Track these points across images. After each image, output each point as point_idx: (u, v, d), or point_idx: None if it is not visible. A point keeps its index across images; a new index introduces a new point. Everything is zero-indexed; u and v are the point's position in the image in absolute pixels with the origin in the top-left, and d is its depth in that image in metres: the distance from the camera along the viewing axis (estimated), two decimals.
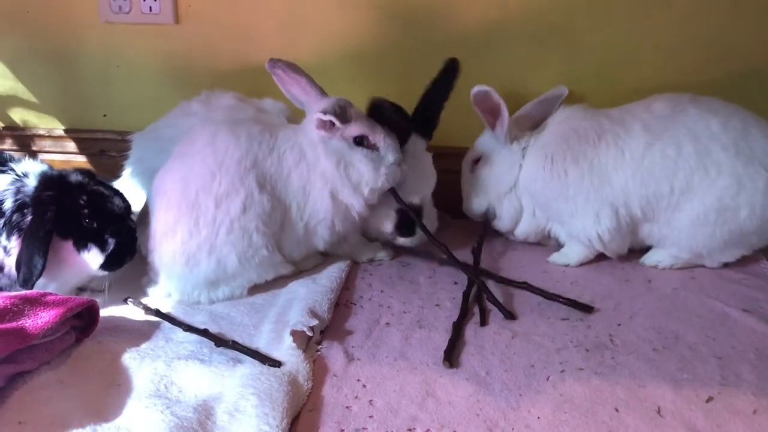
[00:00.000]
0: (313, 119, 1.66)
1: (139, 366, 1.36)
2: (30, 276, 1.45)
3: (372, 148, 1.69)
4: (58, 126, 2.42)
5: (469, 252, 1.84)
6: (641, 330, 1.52)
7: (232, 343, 1.42)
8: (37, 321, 1.31)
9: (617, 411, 1.25)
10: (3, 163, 1.56)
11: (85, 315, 1.43)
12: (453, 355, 1.41)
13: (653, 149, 1.71)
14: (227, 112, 1.88)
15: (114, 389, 1.30)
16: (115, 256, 1.56)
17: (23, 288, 1.46)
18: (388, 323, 1.55)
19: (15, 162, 1.56)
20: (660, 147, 1.70)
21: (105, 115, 2.38)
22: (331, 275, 1.71)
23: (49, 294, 1.41)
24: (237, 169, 1.60)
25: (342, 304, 1.64)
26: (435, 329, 1.51)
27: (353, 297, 1.67)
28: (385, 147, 1.70)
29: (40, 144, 2.42)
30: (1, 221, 1.49)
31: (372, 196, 1.72)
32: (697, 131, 1.70)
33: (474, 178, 1.91)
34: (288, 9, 2.17)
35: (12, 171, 1.53)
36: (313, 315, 1.50)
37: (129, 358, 1.39)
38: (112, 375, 1.34)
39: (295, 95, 1.75)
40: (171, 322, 1.52)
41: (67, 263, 1.53)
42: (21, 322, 1.30)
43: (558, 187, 1.76)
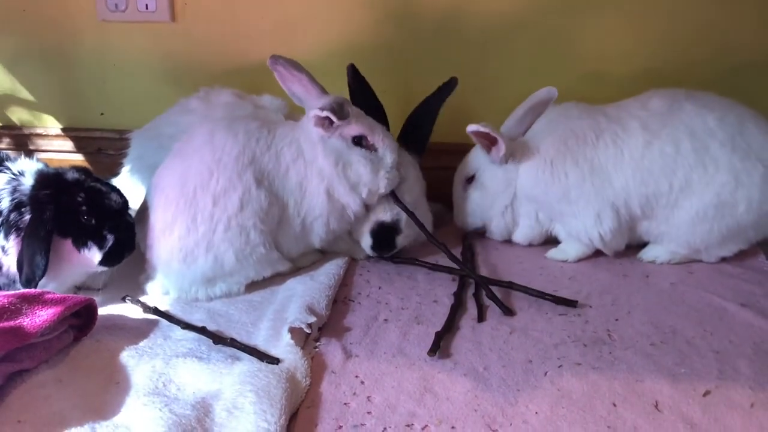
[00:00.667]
0: (312, 117, 1.66)
1: (138, 364, 1.36)
2: (33, 276, 1.45)
3: (370, 148, 1.69)
4: (55, 125, 2.42)
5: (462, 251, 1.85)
6: (639, 325, 1.52)
7: (230, 341, 1.42)
8: (36, 320, 1.31)
9: (615, 406, 1.26)
10: None
11: (84, 313, 1.43)
12: (439, 346, 1.41)
13: (652, 148, 1.71)
14: (226, 109, 1.87)
15: (113, 387, 1.30)
16: (115, 251, 1.56)
17: (26, 288, 1.46)
18: (386, 319, 1.56)
19: (10, 161, 1.56)
20: (659, 145, 1.70)
21: (102, 114, 2.38)
22: (329, 272, 1.71)
23: (47, 293, 1.41)
24: (234, 166, 1.60)
25: (340, 300, 1.64)
26: (433, 325, 1.51)
27: (351, 294, 1.68)
28: (384, 148, 1.69)
29: (37, 143, 2.42)
30: None
31: (370, 197, 1.71)
32: (695, 128, 1.70)
33: (468, 196, 1.89)
34: (285, 7, 2.16)
35: (8, 170, 1.52)
36: (311, 312, 1.50)
37: (127, 356, 1.38)
38: (110, 373, 1.34)
39: (296, 92, 1.75)
40: (169, 320, 1.52)
41: (67, 261, 1.53)
42: (19, 320, 1.30)
43: (560, 190, 1.76)
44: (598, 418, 1.23)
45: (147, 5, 2.20)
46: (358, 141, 1.68)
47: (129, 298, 1.60)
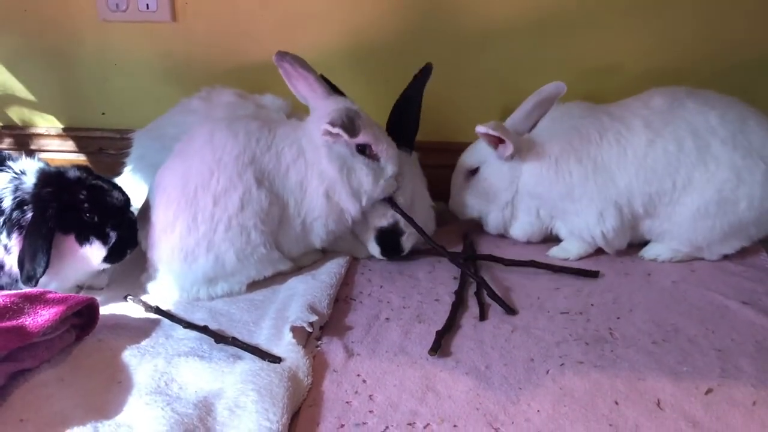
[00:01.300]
0: (319, 124, 1.63)
1: (140, 363, 1.36)
2: (34, 273, 1.45)
3: (373, 158, 1.68)
4: (56, 124, 2.42)
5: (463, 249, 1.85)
6: (641, 323, 1.52)
7: (231, 340, 1.42)
8: (38, 319, 1.31)
9: (617, 404, 1.26)
10: (0, 162, 1.56)
11: (85, 313, 1.44)
12: (440, 346, 1.42)
13: (655, 146, 1.71)
14: (228, 108, 1.88)
15: (114, 386, 1.30)
16: (117, 248, 1.56)
17: (27, 285, 1.46)
18: (387, 318, 1.56)
19: (12, 160, 1.56)
20: (662, 143, 1.70)
21: (103, 114, 2.38)
22: (331, 271, 1.71)
23: (49, 292, 1.41)
24: (235, 166, 1.60)
25: (341, 299, 1.64)
26: (435, 324, 1.51)
27: (353, 292, 1.68)
28: (386, 158, 1.69)
29: (38, 143, 2.42)
30: (1, 219, 1.48)
31: (368, 204, 1.72)
32: (697, 125, 1.70)
33: (469, 188, 1.88)
34: (286, 6, 2.16)
35: (9, 169, 1.53)
36: (313, 311, 1.50)
37: (129, 355, 1.39)
38: (112, 372, 1.34)
39: (300, 91, 1.74)
40: (171, 319, 1.52)
41: (70, 259, 1.53)
42: (21, 320, 1.31)
43: (564, 188, 1.75)
44: (600, 416, 1.23)
45: (148, 5, 2.20)
46: (362, 149, 1.67)
47: (131, 297, 1.60)
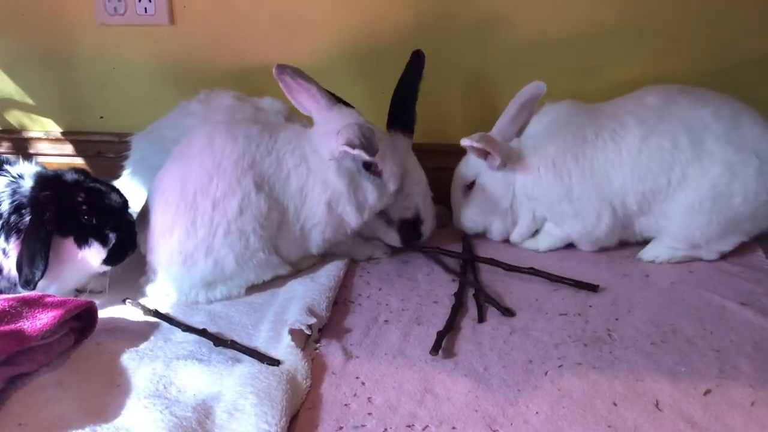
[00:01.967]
0: (327, 137, 1.63)
1: (138, 366, 1.36)
2: (32, 277, 1.45)
3: (377, 174, 1.69)
4: (54, 128, 2.42)
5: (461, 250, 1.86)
6: (639, 324, 1.52)
7: (230, 343, 1.42)
8: (36, 323, 1.31)
9: (615, 405, 1.26)
10: None
11: (84, 316, 1.43)
12: (441, 346, 1.42)
13: (649, 143, 1.71)
14: (227, 111, 1.88)
15: (113, 390, 1.30)
16: (117, 250, 1.56)
17: (25, 289, 1.46)
18: (386, 321, 1.56)
19: (9, 164, 1.56)
20: (656, 140, 1.71)
21: (102, 117, 2.38)
22: (330, 274, 1.71)
23: (48, 296, 1.41)
24: (234, 171, 1.60)
25: (340, 302, 1.64)
26: (433, 326, 1.51)
27: (351, 295, 1.68)
28: (389, 176, 1.70)
29: (37, 146, 2.43)
30: None
31: (369, 218, 1.74)
32: (690, 121, 1.71)
33: (469, 202, 1.89)
34: (284, 8, 2.16)
35: (7, 173, 1.53)
36: (312, 313, 1.50)
37: (128, 358, 1.39)
38: (111, 376, 1.34)
39: (303, 103, 1.72)
40: (169, 322, 1.52)
41: (69, 261, 1.53)
42: (19, 324, 1.31)
43: (563, 190, 1.76)
44: (598, 417, 1.23)
45: (146, 8, 2.20)
46: (368, 166, 1.68)
47: (129, 300, 1.60)
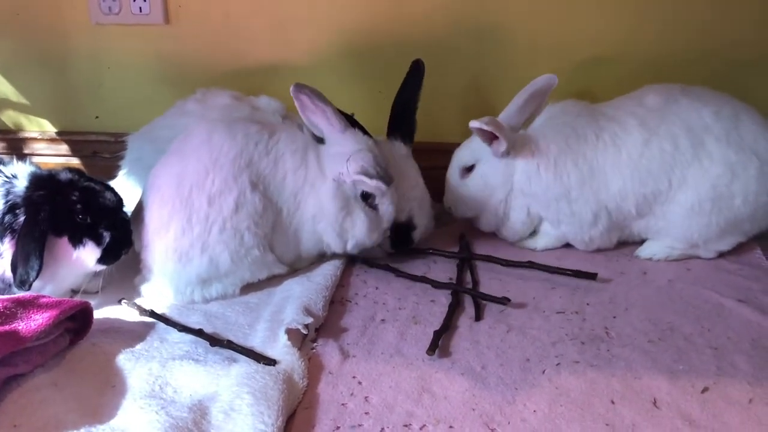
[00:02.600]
0: (336, 158, 1.62)
1: (134, 367, 1.36)
2: (27, 277, 1.44)
3: (373, 207, 1.68)
4: (50, 128, 2.41)
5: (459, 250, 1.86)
6: (637, 322, 1.52)
7: (227, 343, 1.42)
8: (31, 324, 1.31)
9: (613, 403, 1.25)
10: None
11: (79, 317, 1.43)
12: (438, 345, 1.41)
13: (651, 145, 1.71)
14: (223, 111, 1.87)
15: (109, 390, 1.29)
16: (112, 249, 1.56)
17: (20, 290, 1.46)
18: (383, 320, 1.55)
19: (3, 164, 1.56)
20: (657, 142, 1.71)
21: (97, 117, 2.37)
22: (326, 273, 1.70)
23: (43, 296, 1.41)
24: (231, 168, 1.59)
25: (337, 301, 1.63)
26: (430, 325, 1.51)
27: (348, 294, 1.67)
28: (385, 211, 1.68)
29: (32, 147, 2.42)
30: None
31: (355, 249, 1.71)
32: (691, 123, 1.71)
33: (466, 186, 1.87)
34: (280, 8, 2.16)
35: (0, 173, 1.52)
36: (308, 313, 1.49)
37: (124, 359, 1.38)
38: (106, 376, 1.33)
39: (316, 123, 1.69)
40: (165, 322, 1.51)
41: (64, 261, 1.53)
42: (14, 325, 1.30)
43: (562, 190, 1.75)
44: (596, 415, 1.22)
45: (141, 8, 2.19)
46: (365, 196, 1.66)
47: (125, 300, 1.59)
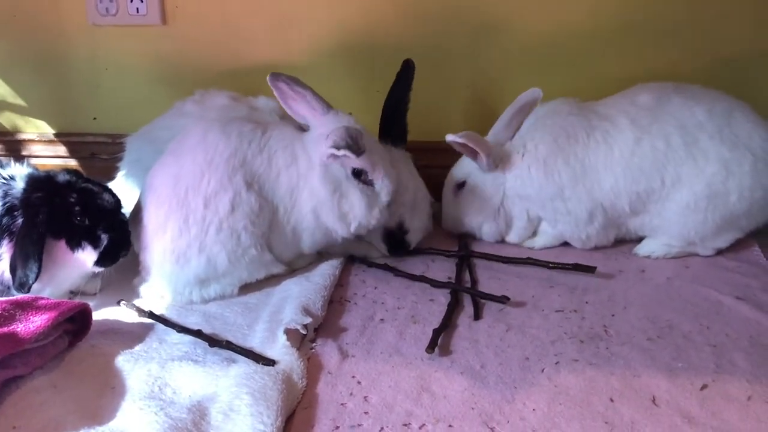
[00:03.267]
0: (319, 142, 1.61)
1: (133, 368, 1.36)
2: (26, 279, 1.44)
3: (368, 183, 1.66)
4: (47, 130, 2.41)
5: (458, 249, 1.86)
6: (635, 320, 1.52)
7: (225, 343, 1.42)
8: (29, 326, 1.31)
9: (612, 401, 1.25)
10: None
11: (78, 319, 1.43)
12: (437, 343, 1.41)
13: (642, 144, 1.71)
14: (221, 111, 1.86)
15: (108, 392, 1.29)
16: (110, 251, 1.55)
17: (19, 292, 1.45)
18: (382, 319, 1.55)
19: (1, 166, 1.56)
20: (649, 141, 1.71)
21: (95, 118, 2.37)
22: (325, 273, 1.70)
23: (41, 298, 1.41)
24: (225, 168, 1.59)
25: (336, 301, 1.63)
26: (429, 324, 1.51)
27: (347, 294, 1.67)
28: (381, 185, 1.66)
29: (30, 148, 2.41)
30: None
31: (359, 230, 1.69)
32: (684, 121, 1.71)
33: (459, 203, 1.89)
34: (278, 7, 2.16)
35: None
36: (307, 313, 1.49)
37: (123, 360, 1.38)
38: (105, 378, 1.33)
39: (298, 111, 1.69)
40: (164, 323, 1.51)
41: (62, 263, 1.53)
42: (13, 327, 1.30)
43: (554, 189, 1.76)
44: (595, 413, 1.22)
45: (138, 9, 2.19)
46: (357, 174, 1.65)
47: (124, 302, 1.59)
